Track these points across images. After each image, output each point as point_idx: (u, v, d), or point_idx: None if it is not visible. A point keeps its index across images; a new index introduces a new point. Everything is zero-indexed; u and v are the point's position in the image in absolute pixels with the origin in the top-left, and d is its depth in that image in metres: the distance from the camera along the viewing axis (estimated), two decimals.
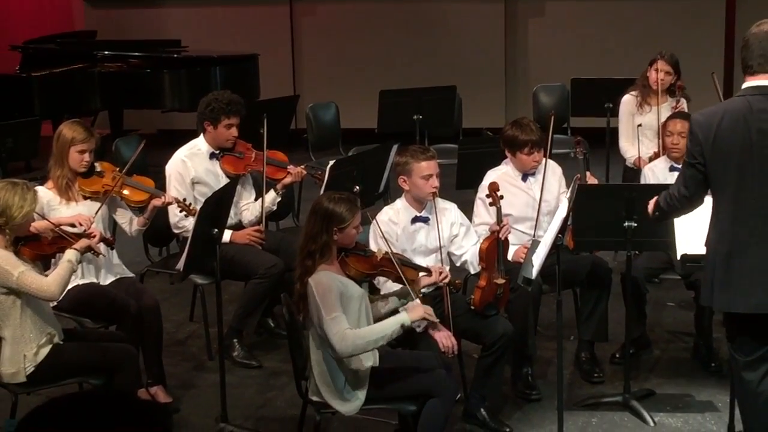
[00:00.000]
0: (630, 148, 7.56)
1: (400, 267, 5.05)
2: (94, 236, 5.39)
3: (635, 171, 7.32)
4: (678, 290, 6.94)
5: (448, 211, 5.75)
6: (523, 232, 6.12)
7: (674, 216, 4.92)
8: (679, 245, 5.20)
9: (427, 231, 5.65)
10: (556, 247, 5.11)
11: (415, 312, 4.86)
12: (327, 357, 4.84)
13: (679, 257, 5.21)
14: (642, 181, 6.65)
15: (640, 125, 7.41)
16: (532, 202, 6.15)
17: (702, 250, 4.81)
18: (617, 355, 6.29)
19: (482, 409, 5.54)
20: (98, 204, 5.89)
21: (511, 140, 6.11)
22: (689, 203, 4.73)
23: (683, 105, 7.48)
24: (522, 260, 5.51)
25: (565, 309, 5.41)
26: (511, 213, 5.99)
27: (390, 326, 4.79)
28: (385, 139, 7.38)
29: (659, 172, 6.62)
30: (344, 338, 4.68)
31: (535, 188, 6.17)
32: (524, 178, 6.18)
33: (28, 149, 8.35)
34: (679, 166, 5.53)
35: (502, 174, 6.13)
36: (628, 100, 7.63)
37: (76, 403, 2.25)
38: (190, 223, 6.02)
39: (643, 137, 7.44)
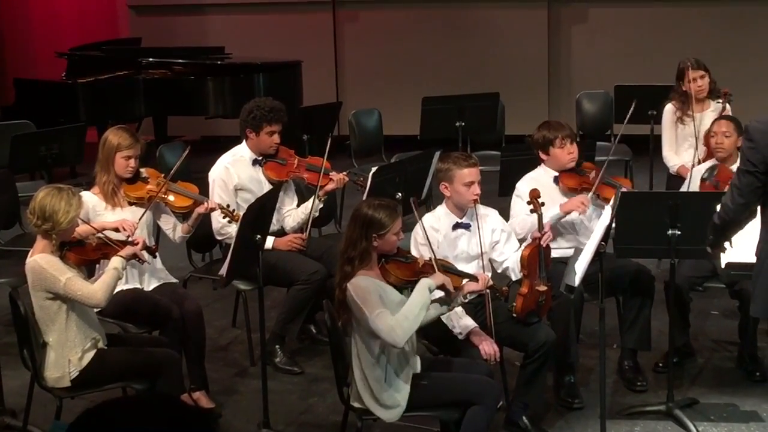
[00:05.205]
0: (673, 157, 7.52)
1: (442, 273, 5.02)
2: (138, 243, 5.43)
3: (679, 179, 7.27)
4: (722, 299, 6.89)
5: (489, 217, 5.73)
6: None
7: (731, 231, 4.77)
8: (723, 253, 5.14)
9: (468, 237, 5.64)
10: (599, 254, 5.09)
11: (436, 278, 4.88)
12: (368, 363, 4.84)
13: (723, 265, 5.16)
14: (686, 184, 6.62)
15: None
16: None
17: (746, 258, 4.76)
18: (660, 364, 6.25)
19: (524, 417, 5.52)
20: (142, 210, 5.93)
21: (542, 140, 6.12)
22: (744, 211, 4.64)
23: (728, 110, 7.43)
24: (575, 208, 5.77)
25: (607, 317, 5.40)
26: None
27: (421, 298, 4.80)
28: (428, 145, 7.38)
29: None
30: (393, 329, 4.69)
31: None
32: (556, 180, 6.15)
33: (74, 155, 8.40)
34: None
35: (537, 178, 6.13)
36: (670, 110, 7.60)
37: (128, 406, 2.26)
38: (233, 229, 6.04)
39: (690, 147, 7.36)
